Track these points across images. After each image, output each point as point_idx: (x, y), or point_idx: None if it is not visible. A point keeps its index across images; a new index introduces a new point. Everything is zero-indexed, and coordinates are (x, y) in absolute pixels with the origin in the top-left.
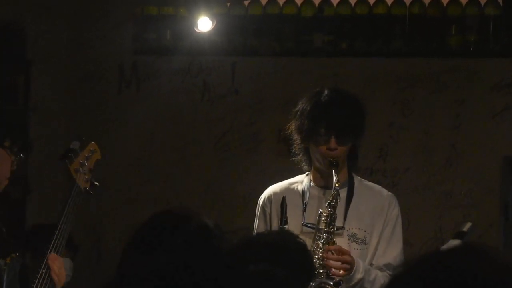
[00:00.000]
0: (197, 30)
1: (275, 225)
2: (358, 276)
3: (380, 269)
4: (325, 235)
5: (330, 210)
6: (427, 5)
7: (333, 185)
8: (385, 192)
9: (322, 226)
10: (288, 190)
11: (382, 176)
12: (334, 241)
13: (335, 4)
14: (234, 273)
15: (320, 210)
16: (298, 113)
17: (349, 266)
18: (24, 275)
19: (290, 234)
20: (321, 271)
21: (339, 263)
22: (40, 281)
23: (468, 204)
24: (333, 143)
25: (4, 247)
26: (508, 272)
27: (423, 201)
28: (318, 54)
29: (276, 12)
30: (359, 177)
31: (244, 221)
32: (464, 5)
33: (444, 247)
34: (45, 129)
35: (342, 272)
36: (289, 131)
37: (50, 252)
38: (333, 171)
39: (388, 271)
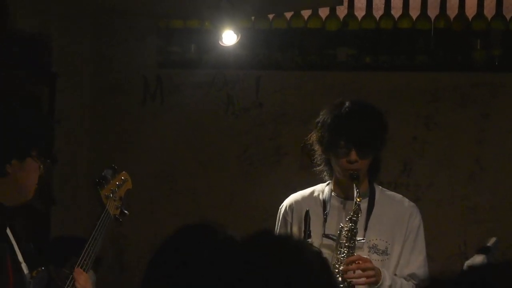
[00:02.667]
0: (221, 44)
1: (295, 234)
2: (387, 283)
3: (405, 279)
4: (346, 250)
5: (351, 225)
6: (452, 20)
7: (354, 200)
8: (406, 201)
9: (343, 240)
10: (309, 199)
11: (405, 190)
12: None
13: (359, 18)
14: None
15: (341, 224)
16: (319, 124)
17: (373, 272)
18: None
19: (309, 245)
20: (341, 285)
21: (360, 272)
22: None
23: (492, 219)
24: (353, 155)
25: (30, 260)
26: None
27: (447, 216)
28: (342, 68)
29: (300, 26)
30: (380, 187)
31: None
32: (489, 19)
33: (469, 262)
34: (69, 142)
35: (368, 280)
36: (310, 141)
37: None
38: (354, 184)
39: (413, 281)
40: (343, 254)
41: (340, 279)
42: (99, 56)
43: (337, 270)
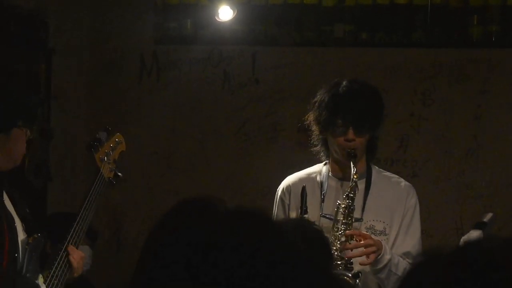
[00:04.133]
0: (218, 19)
1: (293, 216)
2: (387, 256)
3: (400, 257)
4: (343, 227)
5: (348, 202)
6: None
7: (351, 177)
8: (403, 182)
9: (340, 217)
10: (307, 180)
11: (402, 167)
12: None
13: None
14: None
15: (338, 201)
16: (316, 104)
17: (375, 248)
18: (44, 259)
19: (308, 222)
20: (339, 262)
21: (361, 249)
22: (58, 267)
23: (489, 195)
24: (350, 134)
25: (27, 226)
26: None
27: (444, 192)
28: (339, 44)
29: (297, 2)
30: (377, 168)
31: (265, 210)
32: None
33: (465, 237)
34: (66, 118)
35: (370, 257)
36: (308, 121)
37: (71, 236)
38: (351, 162)
39: (408, 259)
40: (340, 231)
41: (338, 255)
42: (96, 33)
43: (335, 248)
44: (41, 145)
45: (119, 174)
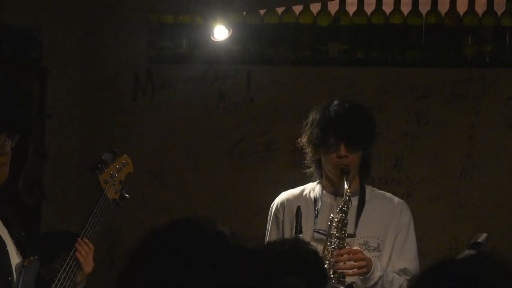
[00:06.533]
0: (213, 39)
1: (287, 232)
2: (378, 274)
3: (397, 274)
4: (337, 241)
5: (342, 216)
6: (443, 15)
7: (345, 191)
8: (396, 199)
9: (334, 231)
10: (300, 197)
11: (396, 186)
12: (345, 246)
13: (351, 13)
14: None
15: (332, 215)
16: (309, 124)
17: (364, 263)
18: (41, 280)
19: (303, 244)
20: (331, 275)
21: (352, 263)
22: (64, 274)
23: (483, 215)
24: (343, 150)
25: (22, 249)
26: None
27: (438, 211)
28: (334, 63)
29: (292, 21)
30: (371, 186)
31: (258, 230)
32: (480, 15)
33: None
34: (60, 136)
35: (359, 271)
36: (301, 144)
37: (71, 258)
38: (344, 178)
39: (405, 276)
40: (333, 245)
41: (331, 270)
42: (90, 51)
43: (327, 262)
44: (35, 164)
45: (126, 195)
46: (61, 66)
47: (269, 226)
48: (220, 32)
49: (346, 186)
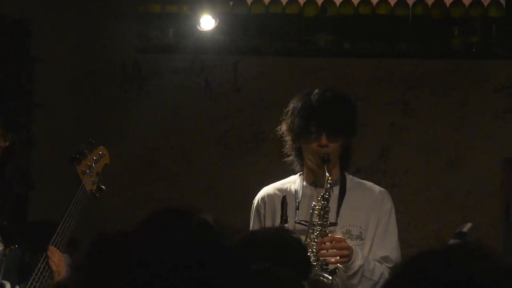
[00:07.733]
0: (200, 29)
1: (269, 225)
2: (358, 263)
3: (378, 262)
4: (319, 228)
5: (323, 203)
6: (430, 6)
7: (326, 178)
8: (377, 187)
9: (316, 219)
10: (281, 190)
11: (382, 177)
12: (328, 234)
13: (338, 4)
14: (237, 272)
15: (314, 203)
16: (289, 112)
17: (347, 252)
18: (23, 269)
19: (287, 231)
20: (314, 263)
21: (335, 251)
22: (38, 275)
23: (469, 205)
24: (324, 139)
25: (4, 238)
26: (506, 273)
27: (424, 202)
28: (321, 54)
29: (279, 12)
30: (351, 176)
31: (245, 219)
32: (467, 6)
33: None
34: (48, 126)
35: (341, 259)
36: (281, 132)
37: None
38: (325, 167)
39: (386, 264)
40: (316, 232)
41: (313, 258)
42: (78, 41)
43: (310, 250)
44: (23, 153)
45: (103, 187)
46: (50, 57)
47: (252, 222)
48: (207, 22)
49: (327, 174)
